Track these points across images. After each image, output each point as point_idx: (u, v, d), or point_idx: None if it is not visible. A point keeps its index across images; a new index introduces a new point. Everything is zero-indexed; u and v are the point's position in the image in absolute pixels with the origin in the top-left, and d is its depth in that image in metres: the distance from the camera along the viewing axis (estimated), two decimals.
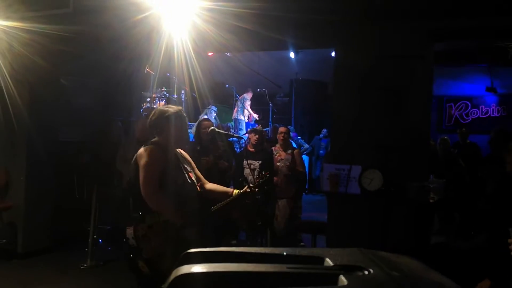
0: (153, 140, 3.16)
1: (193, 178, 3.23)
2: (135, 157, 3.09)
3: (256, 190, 3.35)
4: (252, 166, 5.51)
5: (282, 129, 6.17)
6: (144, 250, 2.93)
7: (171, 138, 3.12)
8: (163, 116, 3.13)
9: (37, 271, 5.46)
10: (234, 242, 6.49)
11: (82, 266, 5.60)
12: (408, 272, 1.03)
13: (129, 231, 2.98)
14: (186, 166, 3.23)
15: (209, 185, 3.41)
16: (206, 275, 0.97)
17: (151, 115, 3.24)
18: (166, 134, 3.12)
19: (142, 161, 2.98)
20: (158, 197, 2.94)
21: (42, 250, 5.98)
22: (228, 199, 3.33)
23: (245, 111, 11.84)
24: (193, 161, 3.43)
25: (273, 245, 5.54)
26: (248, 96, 11.92)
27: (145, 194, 2.92)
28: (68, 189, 6.27)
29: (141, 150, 3.07)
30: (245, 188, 3.35)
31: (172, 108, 3.19)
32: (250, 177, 5.29)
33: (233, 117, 11.75)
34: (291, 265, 0.99)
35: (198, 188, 3.24)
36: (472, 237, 3.90)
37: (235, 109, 11.64)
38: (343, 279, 0.93)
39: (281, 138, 6.02)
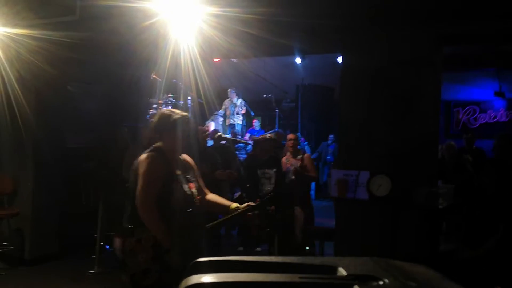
0: (155, 145, 2.99)
1: (194, 189, 3.05)
2: (135, 163, 2.92)
3: (255, 209, 3.17)
4: (267, 175, 5.46)
5: (292, 136, 6.10)
6: (129, 265, 2.80)
7: (174, 144, 2.96)
8: (167, 120, 2.96)
9: (44, 277, 5.45)
10: (240, 249, 6.46)
11: (89, 272, 5.58)
12: (424, 282, 0.99)
13: (117, 242, 2.88)
14: (188, 176, 3.05)
15: (210, 196, 3.24)
16: (216, 285, 0.95)
17: (154, 119, 3.10)
18: (169, 140, 2.96)
19: (142, 170, 2.83)
20: (153, 212, 2.77)
21: (49, 257, 5.97)
22: (224, 217, 3.17)
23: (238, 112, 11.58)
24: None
25: (283, 252, 5.47)
26: (230, 101, 11.58)
27: (141, 205, 2.77)
28: (75, 196, 6.27)
29: (142, 157, 2.90)
30: (245, 205, 3.14)
31: (177, 112, 3.03)
32: (269, 186, 5.28)
33: (227, 124, 11.62)
34: (303, 274, 0.96)
35: (197, 201, 3.06)
36: (478, 245, 3.84)
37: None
38: None
39: (291, 145, 5.95)
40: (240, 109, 11.58)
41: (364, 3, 4.40)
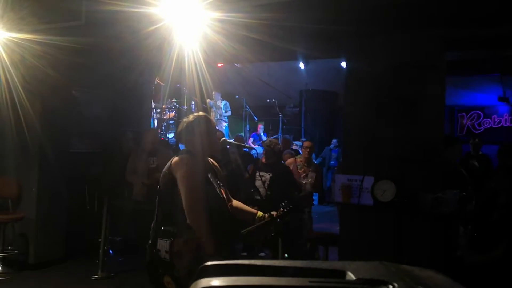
0: (185, 149, 3.07)
1: (224, 195, 3.06)
2: (168, 166, 2.92)
3: (278, 219, 3.20)
4: (263, 178, 5.49)
5: (307, 143, 6.14)
6: (177, 267, 2.76)
7: (197, 147, 2.99)
8: (184, 125, 3.05)
9: (48, 282, 5.45)
10: (244, 254, 6.44)
11: (93, 277, 5.58)
12: (434, 287, 0.99)
13: (163, 244, 2.81)
14: (218, 181, 3.07)
15: (235, 203, 3.24)
16: None
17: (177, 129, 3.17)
18: (191, 143, 3.01)
19: (182, 171, 2.82)
20: (203, 216, 2.77)
21: (53, 261, 5.97)
22: (258, 223, 3.14)
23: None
24: None
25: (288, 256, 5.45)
26: (214, 104, 11.34)
27: (191, 209, 2.75)
28: (79, 200, 6.28)
29: (176, 159, 2.90)
30: (269, 215, 3.17)
31: (192, 116, 3.08)
32: (261, 189, 5.27)
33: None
34: (313, 279, 0.95)
35: (229, 206, 3.08)
36: (488, 251, 3.81)
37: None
38: None
39: (307, 152, 5.98)
40: (225, 111, 11.49)
41: (367, 8, 4.41)
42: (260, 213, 3.19)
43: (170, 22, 4.60)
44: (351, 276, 1.01)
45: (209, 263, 1.11)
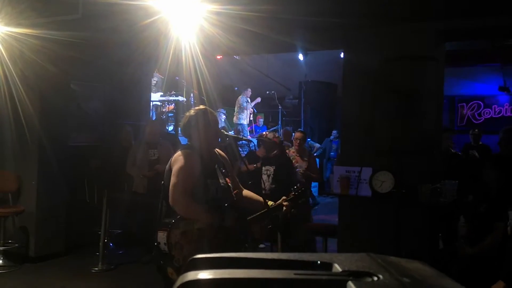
0: (188, 143, 3.17)
1: (230, 184, 3.12)
2: (169, 162, 3.03)
3: (291, 203, 3.26)
4: (268, 172, 5.50)
5: (298, 135, 6.12)
6: (176, 258, 2.83)
7: (200, 139, 3.06)
8: (186, 121, 3.11)
9: (49, 275, 5.48)
10: (246, 245, 6.47)
11: (93, 270, 5.61)
12: (419, 279, 0.99)
13: (161, 236, 2.87)
14: (223, 170, 3.13)
15: (245, 192, 3.32)
16: (212, 281, 0.95)
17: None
18: (194, 136, 3.08)
19: (177, 165, 2.91)
20: (186, 203, 2.84)
21: (54, 254, 6.00)
22: (263, 210, 3.17)
23: (246, 113, 11.60)
24: None
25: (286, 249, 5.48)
26: (247, 96, 11.59)
27: (172, 199, 2.84)
28: (79, 193, 6.30)
29: (177, 154, 3.01)
30: (281, 200, 3.23)
31: (194, 109, 3.15)
32: (266, 183, 5.31)
33: (234, 121, 11.62)
34: (298, 271, 0.96)
35: (234, 195, 3.13)
36: (475, 243, 3.83)
37: (235, 113, 11.48)
38: (351, 286, 0.90)
39: (297, 144, 5.99)
40: (251, 108, 11.61)
41: (364, 1, 4.39)
42: (270, 202, 3.23)
43: (166, 15, 4.59)
44: (337, 268, 1.02)
45: (198, 256, 1.12)
